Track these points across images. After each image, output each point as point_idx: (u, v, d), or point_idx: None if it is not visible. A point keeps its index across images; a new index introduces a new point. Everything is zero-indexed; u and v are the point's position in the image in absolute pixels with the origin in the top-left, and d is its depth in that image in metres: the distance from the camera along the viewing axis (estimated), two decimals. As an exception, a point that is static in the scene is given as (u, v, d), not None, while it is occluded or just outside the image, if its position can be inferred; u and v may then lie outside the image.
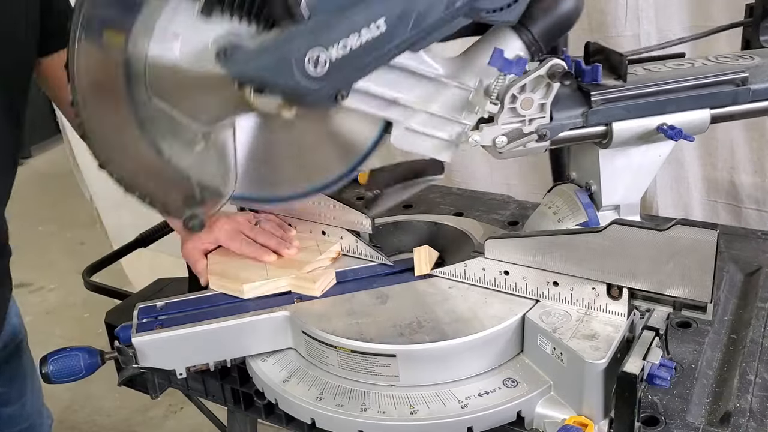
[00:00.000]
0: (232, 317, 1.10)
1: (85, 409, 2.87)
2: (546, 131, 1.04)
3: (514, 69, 0.96)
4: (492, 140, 1.02)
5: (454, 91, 1.03)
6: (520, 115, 1.02)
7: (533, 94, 1.01)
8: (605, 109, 1.06)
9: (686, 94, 1.07)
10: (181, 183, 1.00)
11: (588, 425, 0.94)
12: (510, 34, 1.00)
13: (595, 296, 1.03)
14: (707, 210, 1.86)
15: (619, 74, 1.07)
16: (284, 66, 0.92)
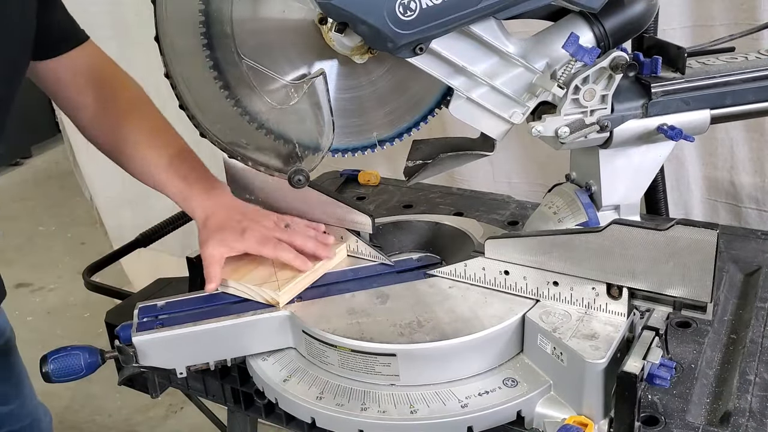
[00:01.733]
0: (232, 316, 1.11)
1: (85, 408, 2.87)
2: (607, 122, 1.06)
3: (587, 57, 0.98)
4: (554, 130, 1.05)
5: (520, 71, 1.05)
6: (582, 106, 1.04)
7: (596, 85, 1.03)
8: (665, 101, 1.07)
9: (744, 87, 1.09)
10: (280, 141, 1.03)
11: (588, 425, 0.95)
12: (583, 25, 1.03)
13: (595, 296, 1.03)
14: (707, 210, 1.86)
15: (677, 67, 1.09)
16: (376, 4, 0.93)
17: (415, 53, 0.98)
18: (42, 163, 5.58)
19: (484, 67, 1.04)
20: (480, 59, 1.04)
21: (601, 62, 1.00)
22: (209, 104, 1.03)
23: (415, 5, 0.94)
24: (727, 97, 1.09)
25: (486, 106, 1.06)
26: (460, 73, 1.04)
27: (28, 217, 4.48)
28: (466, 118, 1.08)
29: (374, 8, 0.93)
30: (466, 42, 1.01)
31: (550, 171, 1.90)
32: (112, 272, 1.69)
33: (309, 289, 1.17)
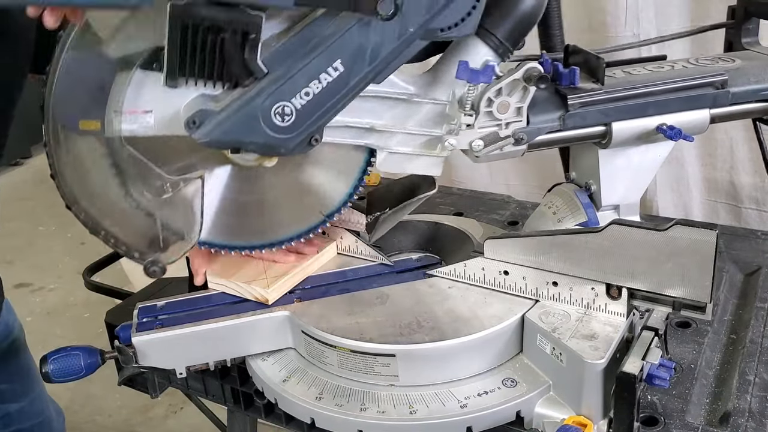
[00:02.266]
0: (232, 317, 1.11)
1: (85, 408, 2.87)
2: (523, 135, 1.04)
3: (482, 78, 0.96)
4: (468, 144, 1.02)
5: (428, 108, 1.03)
6: (496, 119, 1.01)
7: (509, 97, 1.00)
8: (582, 113, 1.05)
9: (665, 97, 1.07)
10: (146, 228, 1.02)
11: (587, 425, 0.95)
12: (475, 42, 1.00)
13: (594, 296, 1.03)
14: (707, 210, 1.87)
15: (597, 77, 1.07)
16: (253, 125, 0.95)
17: (311, 145, 0.98)
18: (42, 163, 5.52)
19: (391, 116, 1.03)
20: (385, 111, 1.03)
21: (515, 74, 0.98)
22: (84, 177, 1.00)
23: (290, 109, 0.95)
24: (648, 108, 1.07)
25: (409, 152, 1.05)
26: (370, 131, 1.03)
27: (28, 217, 4.48)
28: (396, 168, 1.07)
29: (253, 128, 0.94)
30: (365, 102, 1.00)
31: (548, 172, 1.90)
32: (112, 272, 1.68)
33: (308, 290, 1.17)
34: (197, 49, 0.89)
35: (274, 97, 0.94)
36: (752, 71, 1.12)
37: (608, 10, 1.79)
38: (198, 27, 0.88)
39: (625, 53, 1.67)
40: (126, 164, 0.98)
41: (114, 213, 1.01)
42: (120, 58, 0.94)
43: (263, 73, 0.93)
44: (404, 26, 0.93)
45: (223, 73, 0.93)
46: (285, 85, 0.94)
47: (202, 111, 0.94)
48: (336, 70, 0.94)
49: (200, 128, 0.94)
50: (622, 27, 1.79)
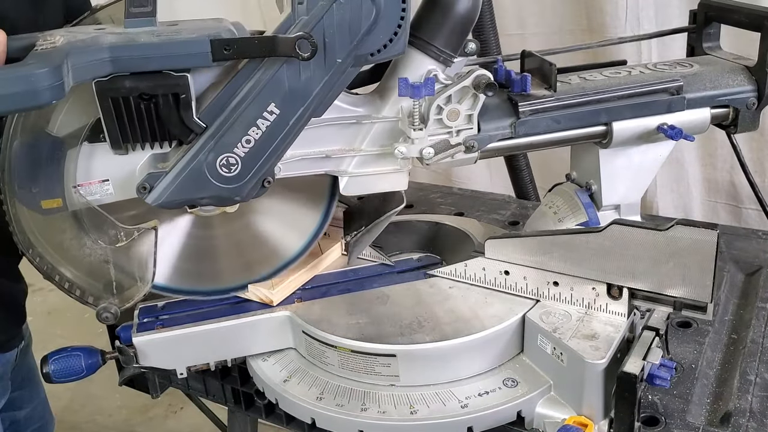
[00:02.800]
0: (233, 317, 1.10)
1: (85, 408, 2.87)
2: (474, 142, 1.03)
3: (424, 91, 0.96)
4: (419, 151, 1.01)
5: (379, 126, 1.03)
6: (447, 126, 1.01)
7: (459, 105, 0.99)
8: (534, 120, 1.05)
9: (618, 104, 1.06)
10: (99, 275, 1.02)
11: (588, 425, 0.94)
12: (415, 55, 1.00)
13: (595, 296, 1.03)
14: (707, 210, 1.87)
15: (549, 84, 1.06)
16: (201, 181, 0.95)
17: (264, 187, 0.99)
18: (42, 163, 5.57)
19: (343, 140, 1.03)
20: (336, 136, 1.02)
21: (464, 81, 0.97)
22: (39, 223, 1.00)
23: (234, 159, 0.95)
24: (602, 114, 1.06)
25: (372, 172, 1.04)
26: (325, 159, 1.03)
27: (28, 218, 4.48)
28: (362, 190, 1.07)
29: (202, 184, 0.95)
30: (314, 131, 0.99)
31: (549, 172, 1.90)
32: (113, 272, 1.68)
33: (309, 290, 1.17)
34: (134, 117, 0.90)
35: (216, 151, 0.95)
36: (709, 77, 1.11)
37: (608, 11, 1.79)
38: (127, 98, 0.89)
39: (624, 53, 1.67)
40: (81, 213, 0.99)
41: (69, 259, 1.02)
42: (66, 136, 0.95)
43: (202, 128, 0.93)
44: (331, 59, 0.93)
45: (165, 134, 0.93)
46: (225, 137, 0.94)
47: (151, 175, 0.95)
48: (272, 114, 0.94)
49: (151, 192, 0.95)
50: (623, 27, 1.79)
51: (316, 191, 1.11)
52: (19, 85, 0.77)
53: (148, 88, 0.88)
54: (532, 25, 1.96)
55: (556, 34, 1.92)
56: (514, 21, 1.96)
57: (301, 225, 1.14)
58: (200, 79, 0.93)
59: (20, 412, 1.42)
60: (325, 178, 1.08)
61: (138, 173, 0.96)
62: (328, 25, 0.91)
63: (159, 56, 0.87)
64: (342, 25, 0.91)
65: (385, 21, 0.92)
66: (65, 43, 0.84)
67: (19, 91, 0.77)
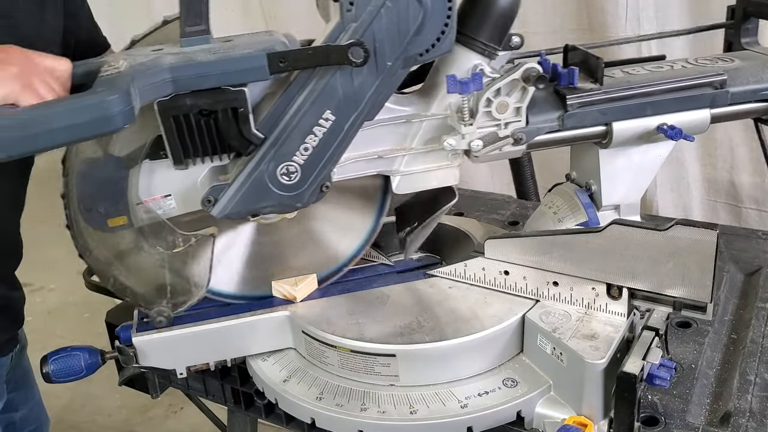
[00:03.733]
0: (233, 317, 1.10)
1: (85, 408, 2.86)
2: (522, 135, 1.04)
3: (473, 87, 0.97)
4: (467, 144, 1.02)
5: (428, 124, 1.04)
6: (495, 119, 1.02)
7: (508, 97, 1.01)
8: (581, 113, 1.06)
9: (664, 97, 1.07)
10: (155, 279, 1.06)
11: (588, 425, 0.94)
12: (461, 51, 1.01)
13: (594, 296, 1.03)
14: (707, 210, 1.87)
15: (596, 77, 1.07)
16: (263, 191, 0.99)
17: (323, 192, 1.01)
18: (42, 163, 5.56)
19: (394, 140, 1.04)
20: (386, 137, 1.04)
21: (513, 74, 0.98)
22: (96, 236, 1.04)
23: (294, 167, 0.98)
24: (647, 108, 1.07)
25: (422, 169, 1.06)
26: (377, 159, 1.04)
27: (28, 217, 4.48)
28: (415, 187, 1.08)
29: (264, 193, 0.99)
30: (365, 133, 1.01)
31: (549, 172, 1.90)
32: (112, 272, 1.68)
33: (309, 290, 1.17)
34: (194, 133, 0.93)
35: (276, 160, 0.98)
36: (751, 71, 1.12)
37: (608, 10, 1.79)
38: (188, 115, 0.91)
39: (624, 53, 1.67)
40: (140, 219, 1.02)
41: (125, 263, 1.05)
42: (127, 156, 0.98)
43: (261, 140, 0.96)
44: (382, 63, 0.95)
45: (225, 147, 0.96)
46: (284, 146, 0.97)
47: (215, 188, 0.98)
48: (328, 120, 0.97)
49: (216, 205, 0.99)
50: (623, 27, 1.79)
51: (369, 192, 1.13)
52: (92, 113, 0.79)
53: (207, 105, 0.91)
54: (533, 24, 1.95)
55: (557, 33, 1.92)
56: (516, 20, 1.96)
57: (357, 226, 1.16)
58: (255, 91, 0.96)
59: (16, 413, 1.42)
60: (378, 179, 1.10)
61: (200, 186, 1.00)
62: (378, 30, 0.93)
63: (217, 73, 0.90)
64: (391, 29, 0.93)
65: (432, 21, 0.94)
66: (128, 68, 0.87)
67: (93, 118, 0.79)
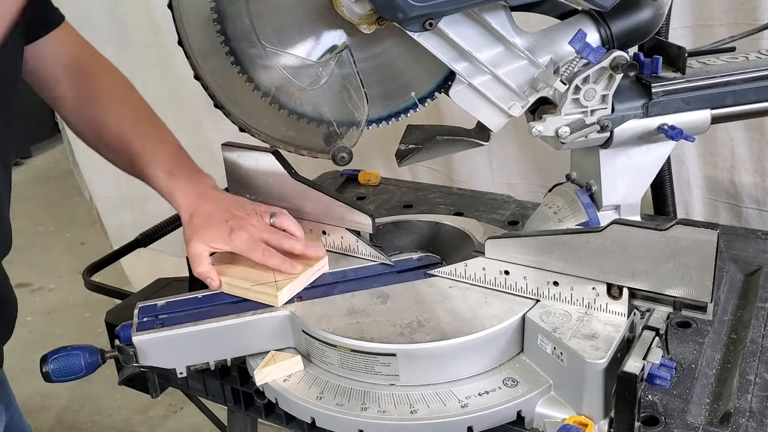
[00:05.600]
0: (233, 316, 1.10)
1: (85, 408, 2.87)
2: (608, 122, 1.07)
3: (592, 55, 0.99)
4: (555, 130, 1.05)
5: (524, 64, 1.05)
6: (582, 106, 1.05)
7: (596, 85, 1.04)
8: (665, 101, 1.08)
9: (745, 87, 1.09)
10: (318, 123, 1.05)
11: (588, 425, 0.94)
12: (590, 25, 1.04)
13: (595, 296, 1.03)
14: (707, 209, 1.86)
15: (678, 66, 1.09)
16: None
17: (424, 28, 0.97)
18: (42, 163, 5.58)
19: (489, 55, 1.04)
20: (486, 47, 1.04)
21: (602, 62, 1.01)
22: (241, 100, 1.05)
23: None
24: (728, 97, 1.09)
25: (487, 95, 1.06)
26: (464, 58, 1.04)
27: (27, 217, 4.48)
28: (465, 105, 1.08)
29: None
30: (474, 28, 1.02)
31: (549, 172, 1.90)
32: (112, 272, 1.68)
33: (309, 289, 1.17)
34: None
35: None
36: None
37: (608, 9, 1.79)
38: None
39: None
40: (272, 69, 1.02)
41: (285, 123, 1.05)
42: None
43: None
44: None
45: None
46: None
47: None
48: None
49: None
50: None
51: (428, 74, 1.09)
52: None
53: None
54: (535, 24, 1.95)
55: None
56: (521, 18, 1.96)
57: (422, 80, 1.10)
58: None
59: None
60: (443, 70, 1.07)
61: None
62: None
63: None
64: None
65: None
66: None
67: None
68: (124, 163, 1.33)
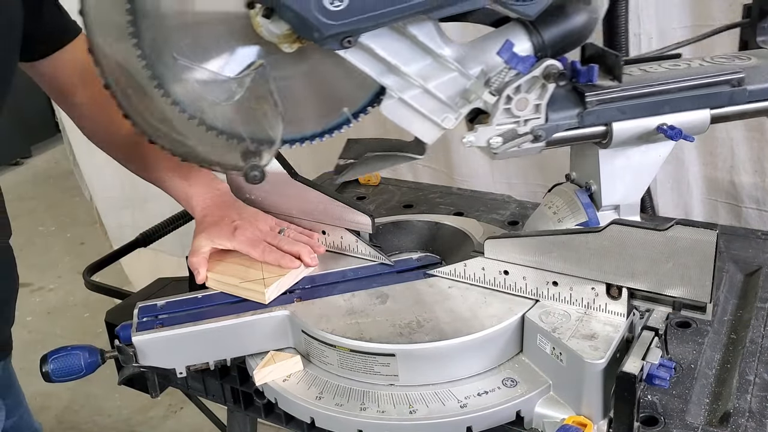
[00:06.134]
0: (232, 316, 1.11)
1: (85, 408, 2.87)
2: (541, 132, 1.04)
3: (520, 65, 0.97)
4: (486, 141, 1.02)
5: (454, 76, 1.03)
6: (515, 116, 1.02)
7: (528, 94, 1.01)
8: (600, 110, 1.05)
9: (682, 95, 1.07)
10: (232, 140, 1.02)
11: (587, 425, 0.95)
12: (522, 34, 1.01)
13: (594, 296, 1.03)
14: (707, 210, 1.86)
15: (615, 75, 1.07)
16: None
17: (342, 46, 0.95)
18: (42, 163, 5.58)
19: (417, 68, 1.02)
20: (414, 60, 1.01)
21: (534, 71, 0.98)
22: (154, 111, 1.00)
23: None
24: (665, 105, 1.07)
25: (418, 109, 1.04)
26: (392, 72, 1.01)
27: (27, 217, 4.48)
28: (397, 119, 1.05)
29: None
30: (400, 41, 0.99)
31: (549, 172, 1.90)
32: (112, 272, 1.69)
33: (308, 289, 1.17)
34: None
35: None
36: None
37: (608, 10, 1.79)
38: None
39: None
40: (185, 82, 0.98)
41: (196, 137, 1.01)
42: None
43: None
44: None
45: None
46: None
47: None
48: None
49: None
50: (623, 26, 1.78)
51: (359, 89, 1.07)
52: None
53: None
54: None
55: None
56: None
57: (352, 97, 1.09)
58: None
59: (8, 421, 1.42)
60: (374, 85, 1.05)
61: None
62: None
63: None
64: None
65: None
66: None
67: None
68: (137, 167, 1.35)
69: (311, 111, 1.09)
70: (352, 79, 1.04)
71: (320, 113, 1.09)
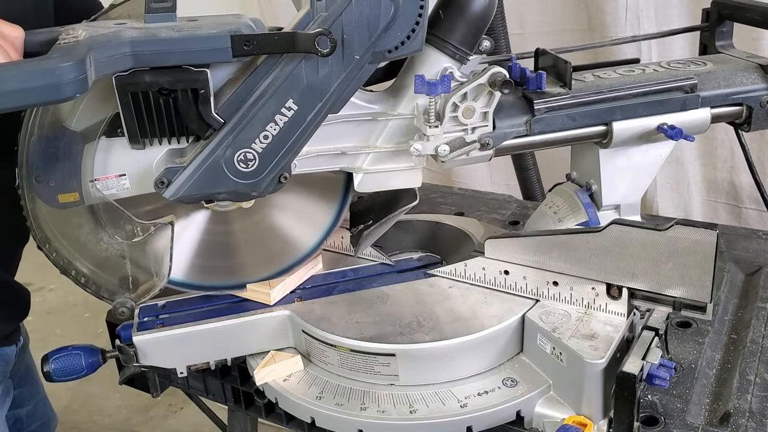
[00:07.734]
0: (233, 316, 1.11)
1: (85, 408, 2.87)
2: (489, 140, 1.03)
3: (441, 89, 0.96)
4: (434, 149, 1.01)
5: (395, 123, 1.03)
6: (462, 124, 1.01)
7: (475, 102, 1.00)
8: (549, 118, 1.05)
9: (634, 102, 1.07)
10: (115, 270, 1.03)
11: (587, 425, 0.95)
12: (431, 52, 1.01)
13: (594, 296, 1.03)
14: (707, 210, 1.87)
15: (564, 81, 1.06)
16: (218, 176, 0.96)
17: (281, 183, 0.99)
18: (42, 163, 5.57)
19: (359, 137, 1.03)
20: (351, 133, 1.03)
21: (479, 79, 0.98)
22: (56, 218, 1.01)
23: (252, 154, 0.96)
24: (616, 112, 1.06)
25: (385, 169, 1.05)
26: (340, 156, 1.03)
27: (28, 217, 4.48)
28: (376, 186, 1.07)
29: (219, 179, 0.96)
30: (329, 127, 1.00)
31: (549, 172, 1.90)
32: (113, 272, 1.68)
33: (309, 289, 1.17)
34: (152, 112, 0.91)
35: (234, 146, 0.95)
36: (723, 75, 1.11)
37: (608, 11, 1.79)
38: (147, 92, 0.89)
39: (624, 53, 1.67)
40: (98, 208, 1.00)
41: (85, 254, 1.03)
42: (84, 130, 0.95)
43: (220, 124, 0.94)
44: (349, 55, 0.93)
45: (183, 129, 0.94)
46: (243, 133, 0.95)
47: (168, 170, 0.95)
48: (290, 110, 0.95)
49: (169, 187, 0.96)
50: (623, 27, 1.79)
51: (330, 187, 1.12)
52: (43, 78, 0.76)
53: (167, 83, 0.88)
54: (532, 25, 1.96)
55: (556, 34, 1.93)
56: (515, 20, 1.96)
57: (316, 220, 1.14)
58: (218, 75, 0.93)
59: (22, 410, 1.43)
60: (340, 174, 1.09)
61: (155, 168, 0.97)
62: (347, 22, 0.91)
63: (179, 51, 0.87)
64: (360, 22, 0.92)
65: (403, 18, 0.93)
66: (87, 38, 0.84)
67: (43, 84, 0.76)
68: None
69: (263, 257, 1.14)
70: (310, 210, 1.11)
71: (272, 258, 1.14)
